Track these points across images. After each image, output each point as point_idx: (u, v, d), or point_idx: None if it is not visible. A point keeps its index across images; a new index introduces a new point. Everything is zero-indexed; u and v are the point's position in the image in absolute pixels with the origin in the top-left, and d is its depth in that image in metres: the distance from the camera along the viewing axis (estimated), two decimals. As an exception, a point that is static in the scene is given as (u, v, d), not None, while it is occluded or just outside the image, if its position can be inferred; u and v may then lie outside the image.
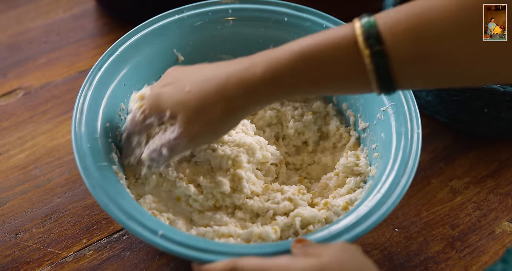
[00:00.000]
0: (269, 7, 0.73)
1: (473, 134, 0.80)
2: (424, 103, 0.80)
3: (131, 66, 0.68)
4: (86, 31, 0.91)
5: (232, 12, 0.73)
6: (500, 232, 0.72)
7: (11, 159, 0.75)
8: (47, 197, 0.72)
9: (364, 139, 0.70)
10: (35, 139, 0.77)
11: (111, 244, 0.68)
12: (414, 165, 0.60)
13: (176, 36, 0.72)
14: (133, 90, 0.69)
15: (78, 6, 0.94)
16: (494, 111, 0.75)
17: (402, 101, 0.65)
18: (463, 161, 0.78)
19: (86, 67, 0.86)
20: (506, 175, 0.77)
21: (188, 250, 0.54)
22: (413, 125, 0.64)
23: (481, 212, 0.73)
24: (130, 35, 0.69)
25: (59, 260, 0.67)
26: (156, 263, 0.67)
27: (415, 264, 0.68)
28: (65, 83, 0.84)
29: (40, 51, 0.88)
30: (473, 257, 0.69)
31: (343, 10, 0.92)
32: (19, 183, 0.73)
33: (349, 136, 0.72)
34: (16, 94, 0.82)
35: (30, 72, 0.85)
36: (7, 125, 0.79)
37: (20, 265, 0.66)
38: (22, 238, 0.68)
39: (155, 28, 0.70)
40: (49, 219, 0.70)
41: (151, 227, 0.55)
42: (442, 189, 0.75)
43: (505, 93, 0.71)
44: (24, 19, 0.92)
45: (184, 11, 0.72)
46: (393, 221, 0.71)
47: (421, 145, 0.62)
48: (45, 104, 0.81)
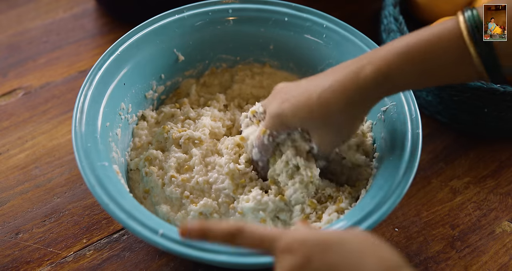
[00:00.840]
0: (269, 7, 0.73)
1: (473, 134, 0.80)
2: (424, 103, 0.80)
3: (131, 66, 0.68)
4: (86, 31, 0.91)
5: (232, 12, 0.73)
6: (500, 232, 0.72)
7: (11, 158, 0.75)
8: (47, 197, 0.72)
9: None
10: (35, 139, 0.77)
11: (111, 244, 0.68)
12: (414, 164, 0.60)
13: (176, 36, 0.72)
14: (133, 89, 0.69)
15: (78, 6, 0.94)
16: (494, 111, 0.75)
17: (402, 101, 0.66)
18: (463, 161, 0.78)
19: (86, 67, 0.86)
20: (506, 175, 0.77)
21: (188, 249, 0.54)
22: (413, 125, 0.64)
23: (481, 212, 0.73)
24: (130, 35, 0.69)
25: (59, 260, 0.67)
26: (156, 263, 0.67)
27: (415, 264, 0.68)
28: (65, 83, 0.84)
29: (40, 51, 0.88)
30: (473, 257, 0.69)
31: (343, 10, 0.92)
32: (19, 183, 0.73)
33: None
34: (16, 94, 0.82)
35: (30, 72, 0.85)
36: (7, 125, 0.79)
37: (20, 265, 0.66)
38: (22, 238, 0.68)
39: (155, 28, 0.70)
40: (49, 219, 0.70)
41: (151, 226, 0.55)
42: (442, 188, 0.75)
43: (505, 93, 0.71)
44: (24, 19, 0.92)
45: (184, 11, 0.72)
46: (393, 221, 0.71)
47: (421, 145, 0.62)
48: (45, 104, 0.81)
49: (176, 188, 0.65)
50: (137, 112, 0.71)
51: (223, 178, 0.66)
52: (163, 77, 0.73)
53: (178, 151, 0.68)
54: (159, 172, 0.67)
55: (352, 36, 0.71)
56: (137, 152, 0.69)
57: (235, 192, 0.65)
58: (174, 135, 0.69)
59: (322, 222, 0.63)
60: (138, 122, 0.71)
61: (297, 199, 0.63)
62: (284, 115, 0.59)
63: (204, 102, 0.75)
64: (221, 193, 0.65)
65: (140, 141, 0.70)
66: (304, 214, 0.64)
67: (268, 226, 0.62)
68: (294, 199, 0.64)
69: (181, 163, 0.68)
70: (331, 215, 0.63)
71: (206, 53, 0.75)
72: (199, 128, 0.70)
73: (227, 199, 0.65)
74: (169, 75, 0.73)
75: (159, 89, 0.73)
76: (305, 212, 0.64)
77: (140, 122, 0.71)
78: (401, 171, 0.60)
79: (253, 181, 0.66)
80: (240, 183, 0.66)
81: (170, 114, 0.73)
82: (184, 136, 0.68)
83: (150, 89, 0.72)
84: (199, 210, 0.63)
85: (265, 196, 0.64)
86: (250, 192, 0.65)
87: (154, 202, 0.66)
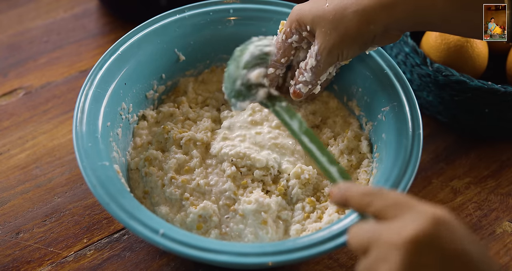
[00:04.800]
0: (270, 7, 0.73)
1: (474, 134, 0.80)
2: (425, 103, 0.80)
3: (132, 66, 0.68)
4: (87, 31, 0.91)
5: (233, 12, 0.73)
6: (500, 232, 0.72)
7: (12, 158, 0.75)
8: (47, 197, 0.72)
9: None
10: (35, 139, 0.77)
11: (112, 244, 0.68)
12: (415, 165, 0.61)
13: (177, 35, 0.72)
14: (134, 89, 0.69)
15: (78, 5, 0.94)
16: (495, 111, 0.75)
17: (403, 101, 0.66)
18: (463, 161, 0.78)
19: (86, 67, 0.86)
20: (506, 175, 0.77)
21: (188, 249, 0.54)
22: (414, 126, 0.64)
23: (481, 212, 0.73)
24: (131, 35, 0.69)
25: (60, 259, 0.67)
26: (157, 262, 0.67)
27: (415, 264, 0.68)
28: (65, 83, 0.84)
29: (41, 51, 0.88)
30: (474, 257, 0.69)
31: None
32: (20, 183, 0.73)
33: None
34: (16, 94, 0.82)
35: (30, 72, 0.85)
36: (8, 125, 0.79)
37: (20, 265, 0.66)
38: (22, 237, 0.68)
39: (156, 27, 0.70)
40: (50, 219, 0.70)
41: (152, 226, 0.55)
42: (443, 189, 0.75)
43: (506, 93, 0.71)
44: (24, 19, 0.92)
45: (185, 11, 0.72)
46: (393, 221, 0.71)
47: (422, 145, 0.62)
48: (46, 104, 0.81)
49: (176, 189, 0.65)
50: (138, 112, 0.71)
51: (224, 180, 0.66)
52: (164, 77, 0.73)
53: (178, 152, 0.68)
54: (159, 173, 0.67)
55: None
56: (137, 151, 0.69)
57: (236, 193, 0.65)
58: (175, 136, 0.69)
59: (323, 222, 0.63)
60: (138, 122, 0.71)
61: (297, 195, 0.64)
62: (301, 9, 0.63)
63: (202, 101, 0.75)
64: (221, 195, 0.65)
65: (141, 140, 0.70)
66: (305, 213, 0.64)
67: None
68: (294, 196, 0.64)
69: (181, 164, 0.68)
70: (331, 216, 0.63)
71: (207, 53, 0.75)
72: (201, 130, 0.70)
73: (227, 201, 0.65)
74: (170, 75, 0.73)
75: (160, 89, 0.73)
76: (305, 210, 0.64)
77: (140, 122, 0.71)
78: (402, 171, 0.60)
79: (254, 182, 0.66)
80: (241, 184, 0.66)
81: (168, 114, 0.73)
82: (185, 137, 0.68)
83: (151, 89, 0.72)
84: (198, 212, 0.63)
85: (267, 198, 0.64)
86: (252, 193, 0.65)
87: (154, 203, 0.66)
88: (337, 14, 0.60)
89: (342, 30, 0.60)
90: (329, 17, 0.60)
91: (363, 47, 0.62)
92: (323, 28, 0.61)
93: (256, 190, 0.65)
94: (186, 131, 0.70)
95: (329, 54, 0.62)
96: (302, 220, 0.64)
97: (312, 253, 0.55)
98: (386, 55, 0.70)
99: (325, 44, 0.61)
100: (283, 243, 0.56)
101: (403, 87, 0.67)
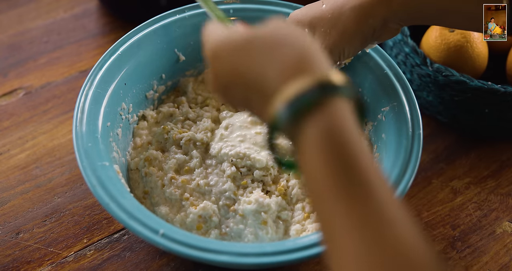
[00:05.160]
0: (270, 7, 0.73)
1: (474, 134, 0.80)
2: (425, 103, 0.80)
3: (132, 66, 0.68)
4: (87, 31, 0.91)
5: (234, 12, 0.73)
6: (500, 232, 0.72)
7: (12, 158, 0.75)
8: (47, 197, 0.72)
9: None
10: (35, 139, 0.77)
11: (112, 244, 0.68)
12: (415, 165, 0.60)
13: (177, 35, 0.72)
14: (134, 89, 0.69)
15: (79, 6, 0.94)
16: (495, 111, 0.75)
17: (403, 101, 0.66)
18: (463, 161, 0.78)
19: (87, 67, 0.86)
20: (506, 175, 0.77)
21: (188, 249, 0.54)
22: (414, 126, 0.64)
23: (481, 212, 0.73)
24: (131, 35, 0.69)
25: (60, 259, 0.67)
26: (157, 263, 0.67)
27: (415, 264, 0.68)
28: (65, 83, 0.84)
29: (41, 51, 0.88)
30: (474, 257, 0.69)
31: (343, 10, 0.92)
32: (20, 183, 0.73)
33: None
34: (16, 94, 0.82)
35: (30, 72, 0.85)
36: (8, 125, 0.79)
37: (20, 265, 0.66)
38: (22, 237, 0.68)
39: (156, 27, 0.70)
40: (50, 219, 0.70)
41: (152, 226, 0.55)
42: (443, 189, 0.75)
43: (506, 93, 0.71)
44: (24, 19, 0.92)
45: (185, 11, 0.72)
46: (393, 221, 0.71)
47: (422, 145, 0.62)
48: (46, 104, 0.81)
49: (176, 189, 0.65)
50: (137, 112, 0.71)
51: (223, 180, 0.66)
52: (164, 77, 0.73)
53: (178, 152, 0.68)
54: (159, 173, 0.67)
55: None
56: (137, 152, 0.69)
57: (236, 193, 0.65)
58: (175, 136, 0.69)
59: None
60: (138, 122, 0.71)
61: (297, 195, 0.64)
62: (298, 14, 0.64)
63: (202, 101, 0.75)
64: (221, 196, 0.65)
65: (141, 140, 0.70)
66: (305, 213, 0.64)
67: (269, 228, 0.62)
68: (294, 196, 0.64)
69: (181, 164, 0.68)
70: None
71: (207, 53, 0.75)
72: (201, 130, 0.70)
73: (227, 202, 0.65)
74: (170, 75, 0.73)
75: (160, 89, 0.73)
76: (305, 211, 0.64)
77: (140, 122, 0.71)
78: (402, 172, 0.60)
79: (254, 182, 0.66)
80: (241, 184, 0.66)
81: (168, 114, 0.73)
82: (185, 137, 0.68)
83: (151, 89, 0.72)
84: (198, 212, 0.63)
85: (267, 198, 0.64)
86: (252, 194, 0.65)
87: (153, 203, 0.66)
88: (334, 12, 0.60)
89: (341, 27, 0.60)
90: (327, 16, 0.61)
91: (364, 44, 0.62)
92: (322, 28, 0.61)
93: (256, 190, 0.65)
94: (186, 131, 0.70)
95: (330, 53, 0.62)
96: (302, 220, 0.64)
97: (312, 253, 0.54)
98: (386, 55, 0.70)
99: (326, 43, 0.61)
100: (283, 243, 0.56)
101: (403, 87, 0.67)
